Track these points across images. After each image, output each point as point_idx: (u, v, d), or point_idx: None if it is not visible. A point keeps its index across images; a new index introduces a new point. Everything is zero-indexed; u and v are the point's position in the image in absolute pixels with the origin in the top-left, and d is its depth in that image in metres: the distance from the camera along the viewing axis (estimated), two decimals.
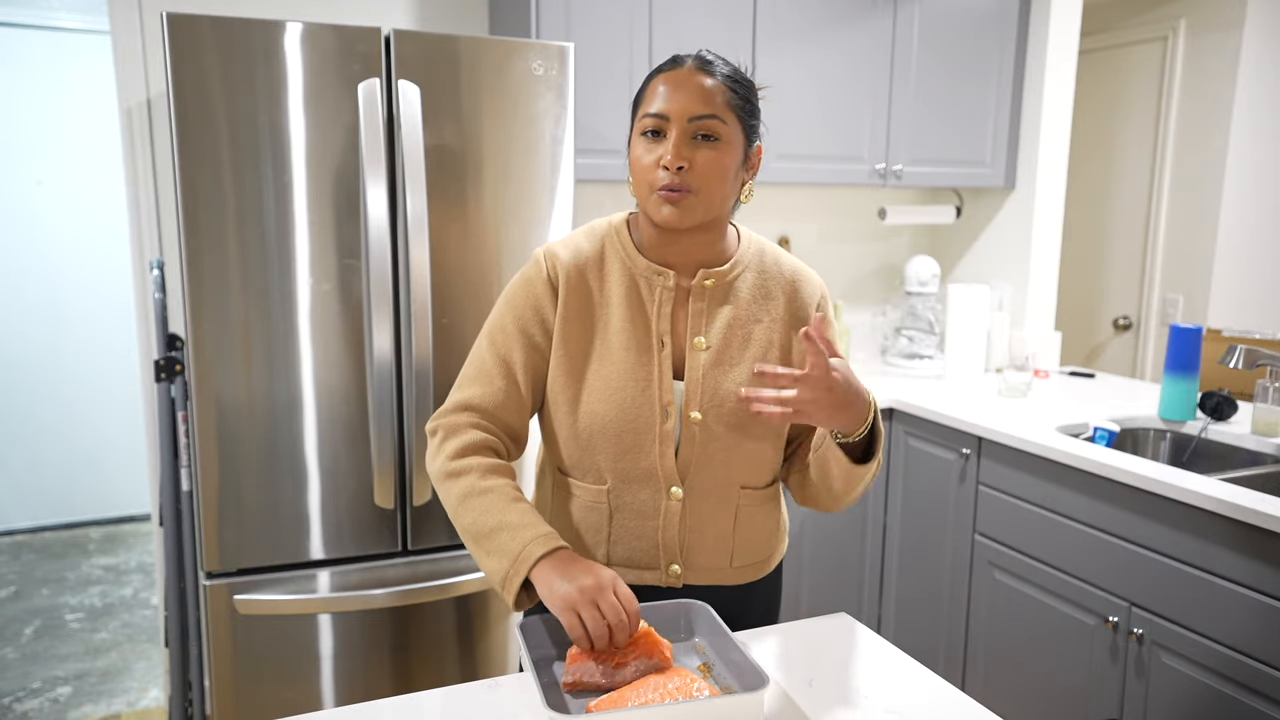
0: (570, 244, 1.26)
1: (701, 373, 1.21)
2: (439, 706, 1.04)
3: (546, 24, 2.34)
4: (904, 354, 3.03)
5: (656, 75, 1.19)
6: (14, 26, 3.86)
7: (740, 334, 1.23)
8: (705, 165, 1.14)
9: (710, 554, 1.25)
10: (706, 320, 1.23)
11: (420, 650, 2.08)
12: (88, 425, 4.19)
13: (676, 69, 1.17)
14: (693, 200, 1.15)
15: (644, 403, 1.19)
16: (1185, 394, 2.27)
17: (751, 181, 1.25)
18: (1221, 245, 3.22)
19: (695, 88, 1.15)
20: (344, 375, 1.94)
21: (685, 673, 1.00)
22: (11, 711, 2.67)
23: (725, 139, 1.16)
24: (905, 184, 2.88)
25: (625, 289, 1.23)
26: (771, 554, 1.32)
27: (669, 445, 1.20)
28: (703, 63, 1.18)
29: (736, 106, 1.18)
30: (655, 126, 1.15)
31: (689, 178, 1.14)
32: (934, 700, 1.06)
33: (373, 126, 1.85)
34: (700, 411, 1.20)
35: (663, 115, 1.14)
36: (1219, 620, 1.74)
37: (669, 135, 1.14)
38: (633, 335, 1.21)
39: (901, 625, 2.69)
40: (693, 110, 1.14)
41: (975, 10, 2.86)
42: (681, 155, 1.13)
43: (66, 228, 4.05)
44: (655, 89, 1.17)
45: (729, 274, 1.24)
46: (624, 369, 1.20)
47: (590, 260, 1.24)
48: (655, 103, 1.16)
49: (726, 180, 1.17)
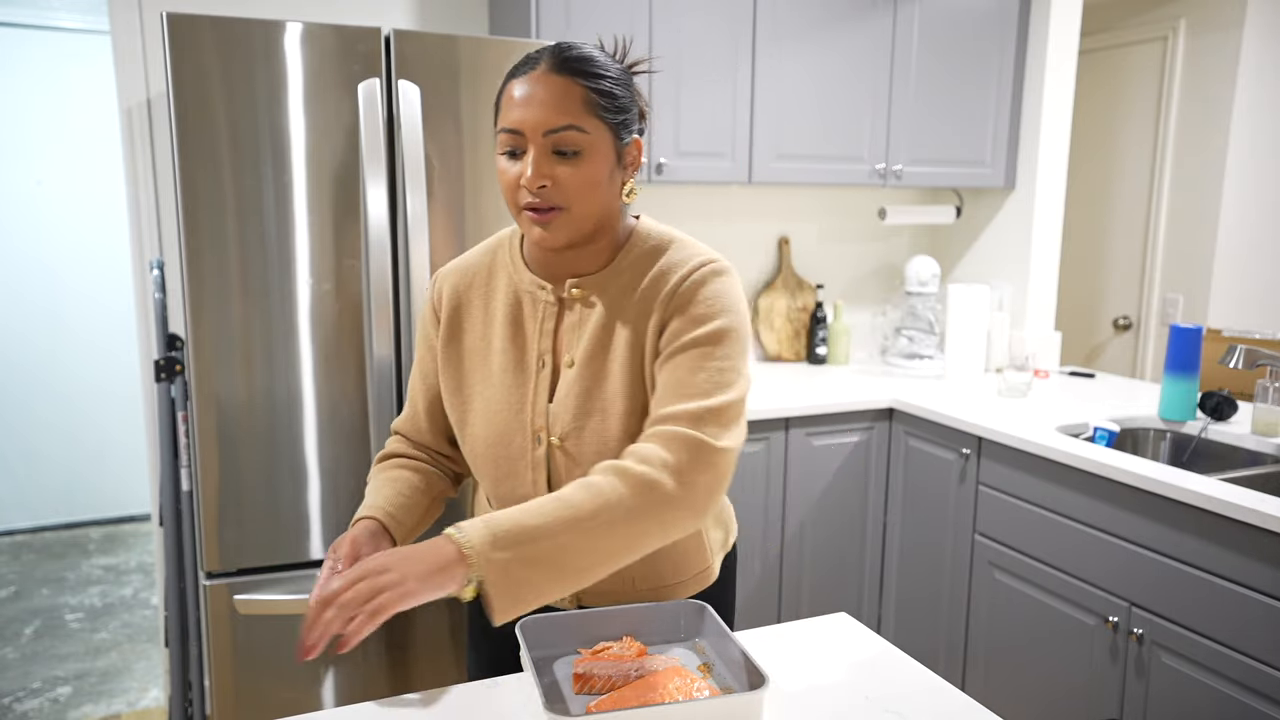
0: (462, 263, 1.23)
1: (565, 393, 1.12)
2: (439, 706, 1.04)
3: (546, 24, 2.34)
4: (904, 354, 3.03)
5: (510, 78, 1.07)
6: (14, 26, 3.86)
7: (607, 344, 1.11)
8: (568, 181, 1.04)
9: (613, 581, 1.18)
10: (577, 333, 1.13)
11: (420, 650, 2.08)
12: (88, 425, 4.19)
13: (530, 72, 1.04)
14: (563, 217, 1.05)
15: (517, 428, 1.13)
16: (1185, 394, 2.27)
17: (634, 180, 1.14)
18: (1221, 245, 3.22)
19: (549, 95, 1.03)
20: (344, 375, 1.94)
21: (685, 673, 1.00)
22: (11, 711, 2.67)
23: (589, 148, 1.04)
24: (905, 184, 2.88)
25: (509, 306, 1.16)
26: (695, 573, 1.23)
27: (540, 472, 1.13)
28: (559, 60, 1.04)
29: (600, 107, 1.05)
30: (511, 144, 1.05)
31: (554, 195, 1.04)
32: (934, 700, 1.06)
33: (373, 126, 1.85)
34: (559, 437, 1.12)
35: (517, 130, 1.03)
36: (1219, 620, 1.74)
37: (527, 151, 1.04)
38: (512, 355, 1.15)
39: (901, 625, 2.69)
40: (548, 122, 1.02)
41: (975, 10, 2.86)
42: (541, 174, 1.03)
43: (66, 228, 4.05)
44: (508, 96, 1.06)
45: (601, 280, 1.13)
46: (502, 391, 1.15)
47: (478, 278, 1.20)
48: (509, 115, 1.05)
49: (598, 190, 1.06)
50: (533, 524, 0.94)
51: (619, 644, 1.08)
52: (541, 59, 1.05)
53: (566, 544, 0.94)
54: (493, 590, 0.91)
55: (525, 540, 0.93)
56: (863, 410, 2.60)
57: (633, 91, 1.11)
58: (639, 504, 0.97)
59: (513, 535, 0.93)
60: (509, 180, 1.06)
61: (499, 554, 0.91)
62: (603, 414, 1.10)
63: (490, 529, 0.93)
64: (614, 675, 1.02)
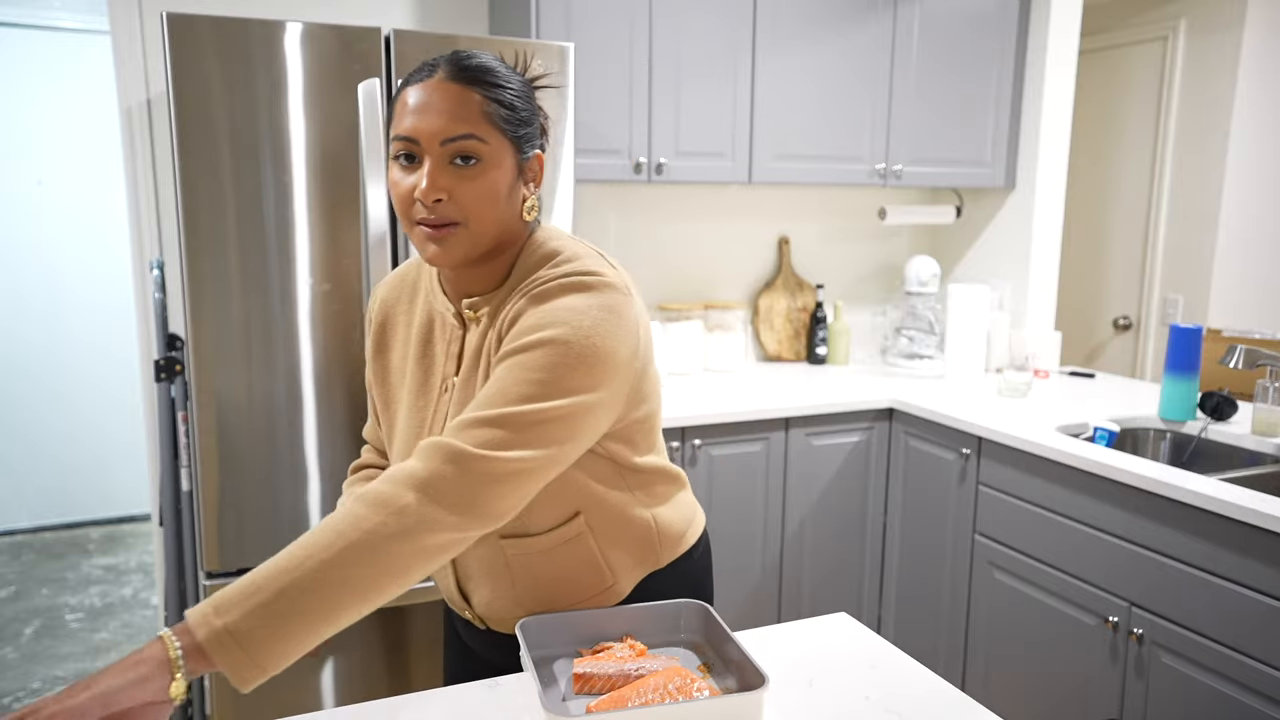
0: (392, 280, 1.21)
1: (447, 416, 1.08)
2: (439, 706, 1.04)
3: (546, 24, 2.34)
4: (904, 354, 3.03)
5: (406, 85, 1.02)
6: (14, 26, 3.86)
7: (476, 364, 1.07)
8: (466, 195, 0.99)
9: (499, 606, 1.15)
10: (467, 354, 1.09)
11: (419, 650, 2.08)
12: (87, 425, 4.19)
13: (427, 79, 1.00)
14: (460, 234, 1.00)
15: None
16: (1185, 394, 2.27)
17: (535, 195, 1.08)
18: (1221, 245, 3.22)
19: (447, 103, 0.98)
20: (344, 375, 1.94)
21: (685, 673, 1.00)
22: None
23: (488, 159, 1.00)
24: (905, 184, 2.88)
25: (422, 326, 1.13)
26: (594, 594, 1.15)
27: None
28: (457, 68, 1.00)
29: (500, 118, 1.00)
30: (406, 151, 1.00)
31: (450, 209, 0.99)
32: (934, 700, 1.06)
33: (373, 126, 1.85)
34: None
35: (412, 138, 0.99)
36: (1219, 620, 1.74)
37: (423, 161, 0.99)
38: (419, 378, 1.12)
39: (901, 625, 2.69)
40: (445, 131, 0.98)
41: (975, 10, 2.86)
42: (438, 185, 0.98)
43: (66, 228, 4.05)
44: (402, 103, 1.01)
45: (491, 299, 1.08)
46: (409, 414, 1.12)
47: (403, 296, 1.18)
48: (404, 121, 1.00)
49: (498, 204, 1.01)
50: (258, 577, 0.85)
51: (619, 644, 1.08)
52: (439, 66, 1.01)
53: (298, 583, 0.85)
54: (221, 659, 0.82)
55: (249, 595, 0.84)
56: (863, 410, 2.60)
57: (534, 105, 1.07)
58: (381, 526, 0.88)
59: (235, 595, 0.84)
60: (402, 192, 1.01)
61: (219, 619, 0.83)
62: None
63: (215, 597, 0.85)
64: (614, 675, 1.02)
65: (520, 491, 0.95)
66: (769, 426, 2.49)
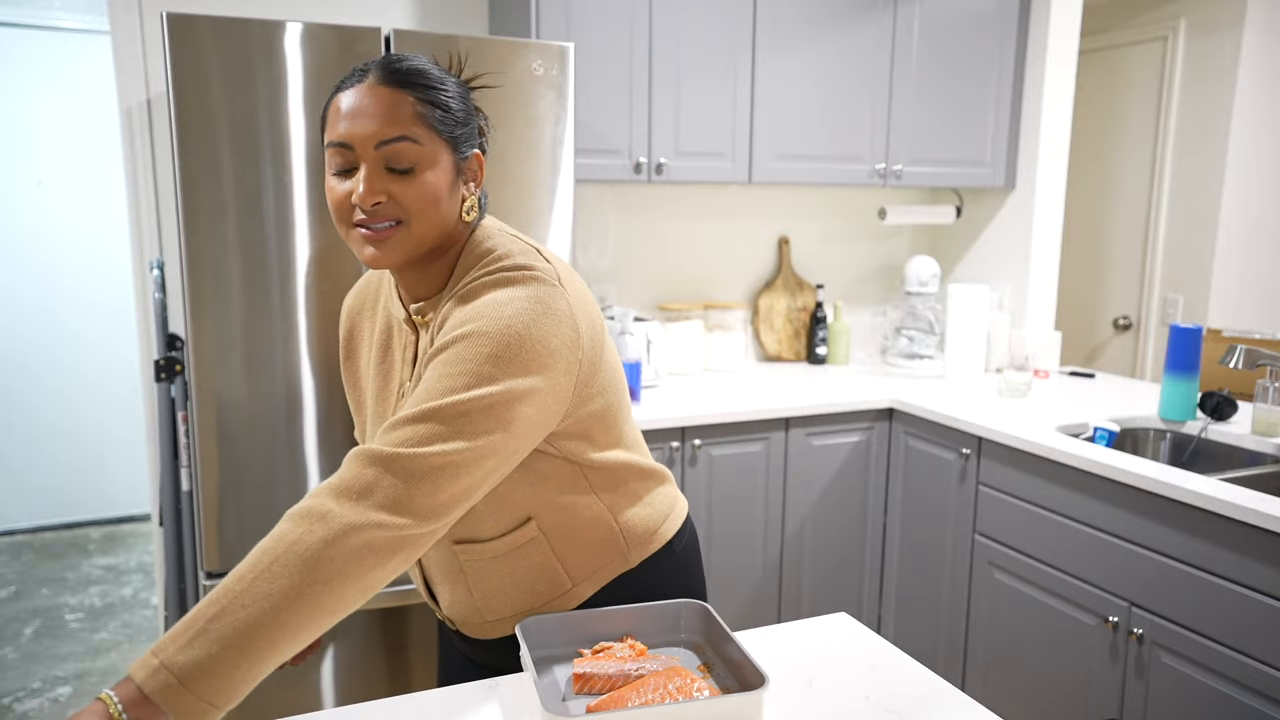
0: (357, 288, 1.22)
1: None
2: (439, 706, 1.04)
3: (546, 24, 2.34)
4: (904, 354, 3.03)
5: (338, 91, 1.01)
6: (14, 26, 3.86)
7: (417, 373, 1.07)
8: (407, 197, 0.99)
9: (460, 609, 1.17)
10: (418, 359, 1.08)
11: (419, 650, 2.08)
12: (87, 425, 4.19)
13: (358, 83, 1.00)
14: (401, 234, 1.00)
15: None
16: (1185, 394, 2.27)
17: (474, 195, 1.07)
18: (1221, 245, 3.22)
19: (378, 106, 0.98)
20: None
21: (685, 673, 1.00)
22: (11, 711, 2.67)
23: (424, 161, 0.99)
24: (905, 184, 2.88)
25: (382, 334, 1.14)
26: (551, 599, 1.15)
27: None
28: (387, 71, 0.99)
29: (435, 119, 1.00)
30: (341, 160, 0.99)
31: (390, 209, 0.99)
32: (934, 700, 1.06)
33: None
34: None
35: (346, 144, 0.98)
36: (1219, 620, 1.74)
37: (359, 166, 0.99)
38: (378, 384, 1.13)
39: (901, 625, 2.69)
40: (379, 134, 0.97)
41: (975, 10, 2.86)
42: (375, 190, 0.98)
43: (66, 228, 4.05)
44: (335, 110, 1.00)
45: (438, 303, 1.07)
46: (372, 419, 1.13)
47: (367, 305, 1.19)
48: (338, 126, 0.99)
49: (439, 204, 1.01)
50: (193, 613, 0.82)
51: (619, 644, 1.08)
52: (370, 70, 1.00)
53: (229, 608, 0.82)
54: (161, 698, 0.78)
55: (183, 629, 0.81)
56: (863, 410, 2.60)
57: (470, 105, 1.06)
58: (307, 538, 0.85)
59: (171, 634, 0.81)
60: (338, 198, 1.00)
61: (154, 659, 0.80)
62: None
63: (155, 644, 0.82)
64: (614, 675, 1.02)
65: (453, 486, 0.92)
66: (769, 426, 2.49)
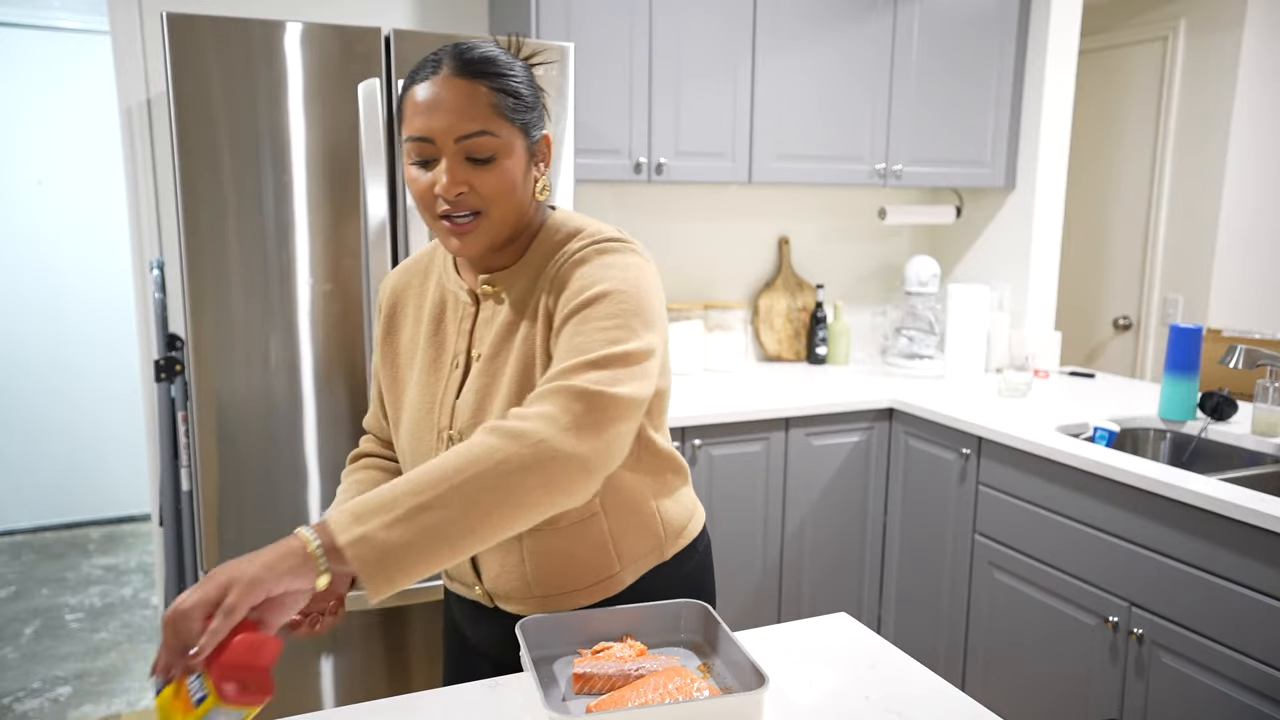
0: (404, 266, 1.25)
1: (469, 387, 1.11)
2: (439, 706, 1.04)
3: (546, 24, 2.34)
4: (904, 354, 3.03)
5: (412, 84, 1.03)
6: (14, 26, 3.86)
7: (511, 335, 1.10)
8: (485, 185, 1.03)
9: (506, 581, 1.16)
10: (488, 328, 1.12)
11: (419, 650, 2.08)
12: (88, 425, 4.19)
13: (433, 77, 1.01)
14: (483, 224, 1.04)
15: (426, 427, 1.13)
16: (1185, 394, 2.27)
17: (545, 175, 1.11)
18: (1221, 245, 3.22)
19: (456, 99, 1.00)
20: (344, 375, 1.94)
21: (685, 673, 1.00)
22: (11, 711, 2.67)
23: (502, 151, 1.03)
24: (905, 184, 2.88)
25: (435, 306, 1.17)
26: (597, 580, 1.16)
27: None
28: (460, 64, 1.01)
29: (507, 109, 1.03)
30: (421, 152, 1.02)
31: (472, 200, 1.03)
32: (934, 700, 1.06)
33: (373, 126, 1.85)
34: (458, 431, 1.10)
35: (426, 139, 1.01)
36: (1219, 620, 1.74)
37: (439, 159, 1.02)
38: (430, 355, 1.16)
39: (901, 625, 2.69)
40: (458, 128, 1.00)
41: (975, 10, 2.86)
42: (457, 181, 1.01)
43: (66, 228, 4.05)
44: (412, 103, 1.02)
45: (511, 275, 1.12)
46: (419, 391, 1.15)
47: (414, 281, 1.22)
48: (415, 122, 1.02)
49: (516, 190, 1.05)
50: (395, 491, 0.87)
51: (619, 644, 1.08)
52: (443, 62, 1.02)
53: (433, 504, 0.86)
54: (357, 564, 0.84)
55: (386, 508, 0.86)
56: (863, 410, 2.60)
57: (535, 87, 1.09)
58: (515, 457, 0.89)
59: (373, 506, 0.86)
60: (422, 188, 1.03)
61: (358, 527, 0.84)
62: (500, 407, 1.08)
63: (352, 505, 0.87)
64: (614, 675, 1.02)
65: (633, 430, 0.97)
66: (769, 426, 2.49)
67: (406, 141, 1.03)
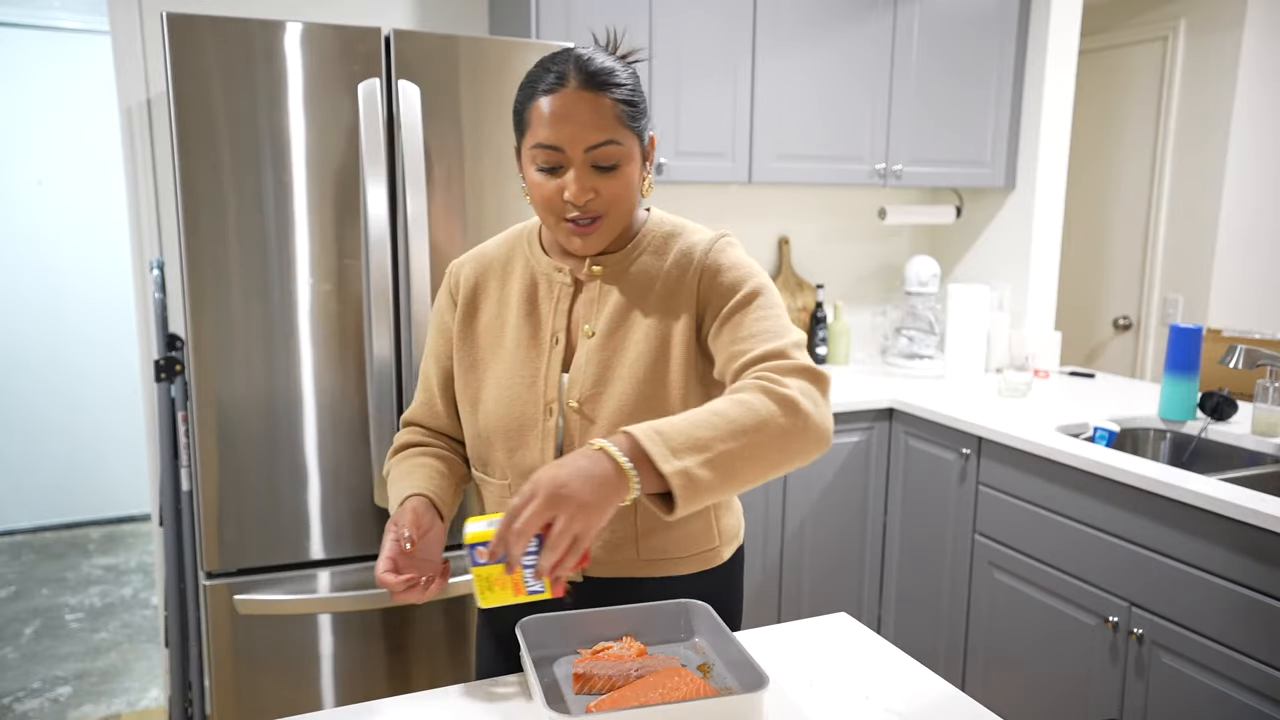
0: (478, 251, 1.30)
1: (585, 359, 1.18)
2: (439, 706, 1.04)
3: (546, 24, 2.34)
4: (904, 354, 3.03)
5: (539, 94, 1.09)
6: (13, 26, 3.86)
7: (629, 315, 1.18)
8: (609, 190, 1.10)
9: (612, 548, 1.20)
10: (597, 308, 1.19)
11: (419, 650, 2.08)
12: (88, 425, 4.19)
13: (561, 89, 1.07)
14: (604, 225, 1.12)
15: (530, 400, 1.18)
16: (1185, 394, 2.27)
17: (651, 173, 1.20)
18: (1221, 245, 3.22)
19: (585, 112, 1.07)
20: (344, 375, 1.94)
21: (685, 673, 1.00)
22: (11, 711, 2.67)
23: (624, 158, 1.11)
24: (905, 184, 2.88)
25: (525, 288, 1.23)
26: (700, 550, 1.24)
27: (550, 442, 1.18)
28: (586, 77, 1.08)
29: (629, 118, 1.10)
30: (548, 159, 1.09)
31: (598, 204, 1.10)
32: (934, 700, 1.06)
33: (373, 126, 1.85)
34: (578, 401, 1.17)
35: (556, 147, 1.08)
36: (1219, 620, 1.74)
37: (567, 167, 1.09)
38: (526, 332, 1.21)
39: (901, 625, 2.69)
40: (587, 140, 1.07)
41: (975, 10, 2.86)
42: (585, 188, 1.09)
43: (66, 228, 4.05)
44: (539, 113, 1.08)
45: (622, 259, 1.20)
46: (514, 366, 1.20)
47: (495, 264, 1.27)
48: (543, 132, 1.08)
49: (633, 192, 1.14)
50: (704, 435, 0.96)
51: (619, 644, 1.08)
52: (569, 75, 1.07)
53: (733, 451, 0.97)
54: (680, 492, 0.93)
55: (700, 447, 0.95)
56: (863, 410, 2.60)
57: (642, 89, 1.16)
58: (787, 424, 1.00)
59: (683, 442, 0.95)
60: (548, 194, 1.10)
61: (679, 460, 0.94)
62: (623, 381, 1.15)
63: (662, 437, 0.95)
64: (614, 675, 1.02)
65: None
66: None
67: (534, 148, 1.09)
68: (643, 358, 1.16)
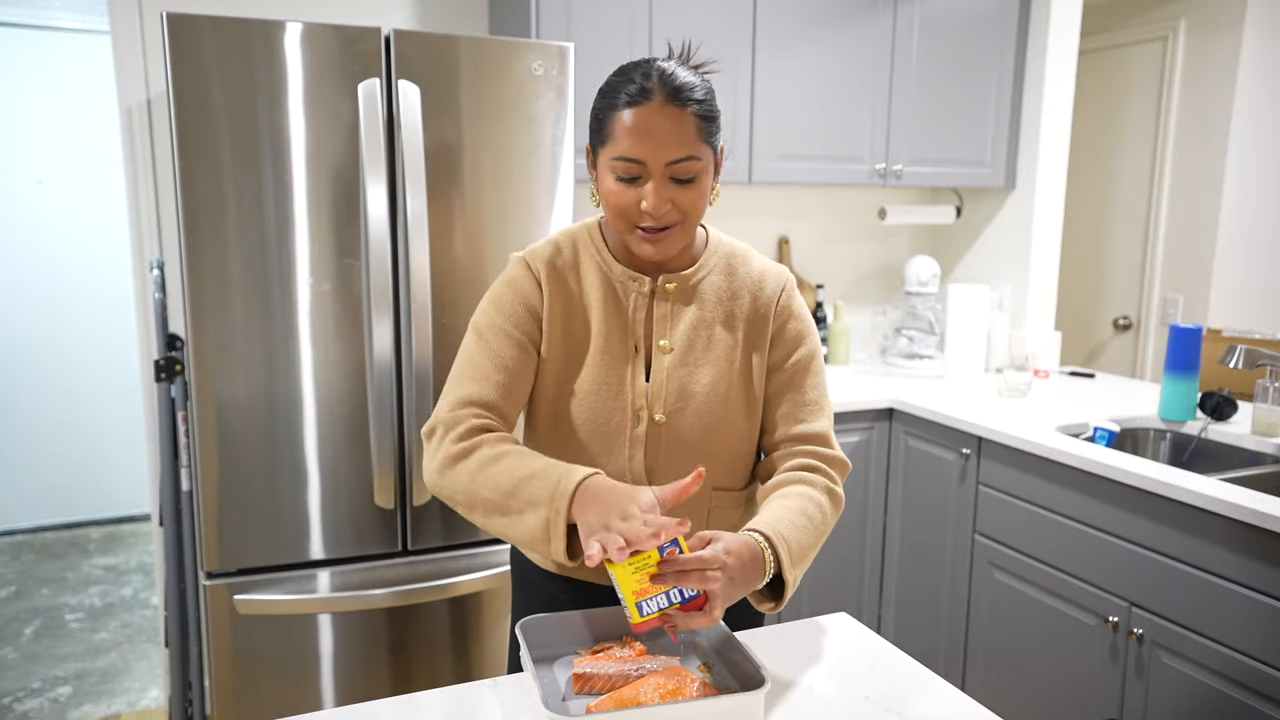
0: (548, 246, 1.26)
1: (666, 375, 1.21)
2: (439, 706, 1.04)
3: (546, 24, 2.34)
4: (904, 354, 3.03)
5: (622, 106, 1.10)
6: (13, 26, 3.86)
7: (704, 335, 1.23)
8: (685, 202, 1.13)
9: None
10: (671, 323, 1.23)
11: (420, 650, 2.08)
12: (88, 425, 4.19)
13: (645, 103, 1.08)
14: (675, 233, 1.15)
15: (616, 407, 1.20)
16: (1185, 394, 2.27)
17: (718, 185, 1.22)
18: (1221, 245, 3.22)
19: (668, 127, 1.08)
20: (344, 375, 1.94)
21: (685, 673, 1.00)
22: (11, 711, 2.67)
23: (701, 171, 1.13)
24: (905, 184, 2.88)
25: (603, 293, 1.23)
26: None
27: (639, 448, 1.21)
28: (671, 92, 1.09)
29: (707, 133, 1.12)
30: (627, 170, 1.11)
31: (673, 215, 1.13)
32: (934, 701, 1.06)
33: (373, 126, 1.85)
34: (664, 414, 1.21)
35: (637, 160, 1.09)
36: (1219, 620, 1.74)
37: (646, 179, 1.11)
38: (609, 339, 1.22)
39: (901, 625, 2.69)
40: (670, 155, 1.09)
41: (975, 10, 2.86)
42: (663, 200, 1.11)
43: (66, 227, 4.05)
44: (621, 125, 1.09)
45: (692, 277, 1.24)
46: (600, 372, 1.21)
47: (568, 263, 1.25)
48: (625, 144, 1.09)
49: (705, 202, 1.16)
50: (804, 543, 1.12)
51: (619, 644, 1.08)
52: (652, 89, 1.09)
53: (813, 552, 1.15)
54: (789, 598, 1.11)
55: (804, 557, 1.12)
56: (863, 410, 2.60)
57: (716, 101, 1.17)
58: (834, 520, 1.21)
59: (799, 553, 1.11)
60: (625, 203, 1.12)
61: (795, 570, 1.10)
62: (703, 397, 1.21)
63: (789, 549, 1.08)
64: (614, 675, 1.02)
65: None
66: None
67: (614, 160, 1.11)
68: (721, 381, 1.22)
